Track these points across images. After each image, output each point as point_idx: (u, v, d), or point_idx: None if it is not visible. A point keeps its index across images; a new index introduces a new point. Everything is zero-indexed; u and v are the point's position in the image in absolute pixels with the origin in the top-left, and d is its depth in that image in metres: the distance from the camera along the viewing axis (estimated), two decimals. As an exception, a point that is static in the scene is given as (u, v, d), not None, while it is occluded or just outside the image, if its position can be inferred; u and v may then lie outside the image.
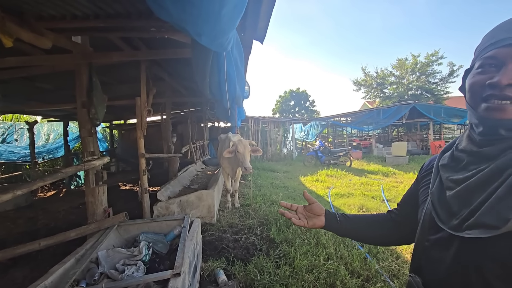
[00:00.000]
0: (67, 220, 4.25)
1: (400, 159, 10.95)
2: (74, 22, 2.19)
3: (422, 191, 0.79)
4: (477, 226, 0.53)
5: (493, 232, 0.50)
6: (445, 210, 0.62)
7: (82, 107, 2.65)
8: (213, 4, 0.96)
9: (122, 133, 11.72)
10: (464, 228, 0.55)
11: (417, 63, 22.70)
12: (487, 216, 0.52)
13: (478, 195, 0.56)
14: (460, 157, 0.65)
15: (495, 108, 0.56)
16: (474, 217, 0.54)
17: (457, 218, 0.58)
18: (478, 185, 0.56)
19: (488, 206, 0.53)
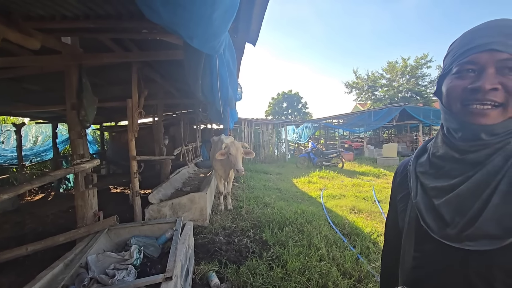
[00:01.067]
0: (55, 224, 4.15)
1: (391, 161, 11.12)
2: (63, 23, 2.15)
3: (400, 197, 0.76)
4: (479, 236, 0.52)
5: (498, 244, 0.50)
6: (435, 219, 0.60)
7: (71, 109, 2.60)
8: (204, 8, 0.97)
9: (113, 135, 11.55)
10: (463, 238, 0.54)
11: (407, 66, 23.21)
12: (488, 225, 0.51)
13: (471, 202, 0.54)
14: (439, 164, 0.64)
15: (478, 113, 0.56)
16: (473, 226, 0.53)
17: (452, 228, 0.56)
18: (469, 192, 0.55)
19: (487, 214, 0.52)
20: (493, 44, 0.55)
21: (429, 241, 0.61)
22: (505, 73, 0.54)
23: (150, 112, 5.90)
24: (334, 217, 4.21)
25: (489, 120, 0.55)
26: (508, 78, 0.54)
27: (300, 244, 3.11)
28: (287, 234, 3.35)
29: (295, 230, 3.52)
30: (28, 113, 6.92)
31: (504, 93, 0.54)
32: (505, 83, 0.54)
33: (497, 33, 0.56)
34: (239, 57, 2.88)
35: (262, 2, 1.80)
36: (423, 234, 0.62)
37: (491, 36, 0.56)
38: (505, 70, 0.54)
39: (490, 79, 0.55)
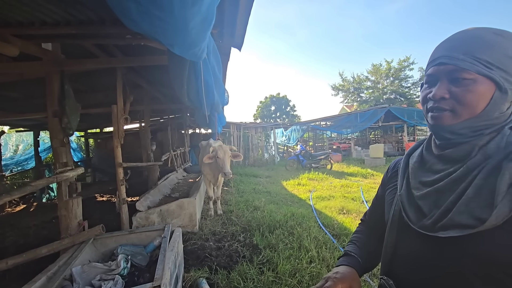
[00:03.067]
0: (38, 236, 4.00)
1: (378, 161, 11.36)
2: (43, 29, 2.10)
3: (388, 192, 0.81)
4: (452, 226, 0.56)
5: (468, 231, 0.53)
6: (415, 211, 0.65)
7: (53, 116, 2.53)
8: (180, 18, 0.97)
9: (98, 142, 11.28)
10: (437, 229, 0.58)
11: (391, 69, 23.87)
12: (460, 216, 0.55)
13: (447, 196, 0.59)
14: (427, 159, 0.70)
15: (435, 117, 0.63)
16: (447, 217, 0.57)
17: (428, 219, 0.60)
18: (447, 186, 0.60)
19: (460, 206, 0.56)
20: (441, 58, 0.62)
21: (409, 232, 0.65)
22: (456, 83, 0.60)
23: (137, 118, 5.81)
24: (324, 219, 4.25)
25: (443, 120, 0.62)
26: (457, 87, 0.60)
27: (290, 246, 3.12)
28: (277, 237, 3.36)
29: (285, 232, 3.53)
30: (8, 121, 6.66)
31: (453, 101, 0.60)
32: (455, 92, 0.60)
33: (446, 47, 0.63)
34: (225, 61, 2.89)
35: (246, 8, 1.83)
36: (404, 226, 0.67)
37: (442, 50, 0.63)
38: (454, 80, 0.61)
39: (440, 89, 0.62)
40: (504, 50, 0.58)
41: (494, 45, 0.58)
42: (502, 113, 0.60)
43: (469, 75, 0.58)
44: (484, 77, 0.58)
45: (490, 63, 0.58)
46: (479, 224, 0.52)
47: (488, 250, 0.53)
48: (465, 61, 0.58)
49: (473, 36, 0.60)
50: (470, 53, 0.58)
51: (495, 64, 0.58)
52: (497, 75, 0.57)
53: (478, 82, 0.58)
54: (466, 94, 0.59)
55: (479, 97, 0.58)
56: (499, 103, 0.59)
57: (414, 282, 0.63)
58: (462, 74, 0.59)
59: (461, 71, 0.59)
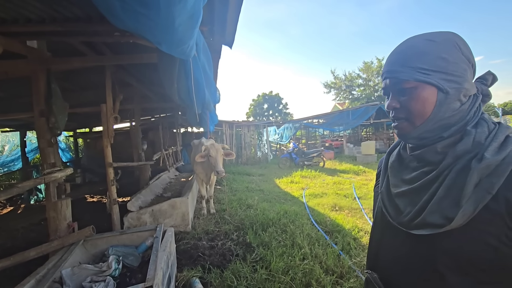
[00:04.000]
0: (26, 238, 3.91)
1: (370, 158, 11.50)
2: (27, 26, 2.04)
3: (375, 189, 0.84)
4: (424, 225, 0.59)
5: (437, 230, 0.56)
6: (394, 207, 0.68)
7: (40, 116, 2.47)
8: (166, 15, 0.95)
9: (87, 142, 11.07)
10: (412, 226, 0.61)
11: (382, 66, 24.10)
12: (432, 216, 0.58)
13: (422, 194, 0.62)
14: (404, 156, 0.73)
15: (396, 126, 0.68)
16: (420, 216, 0.60)
17: (404, 216, 0.64)
18: (422, 186, 0.63)
19: (432, 206, 0.59)
20: (385, 74, 0.68)
21: (390, 227, 0.68)
22: (400, 94, 0.65)
23: (127, 117, 5.72)
24: (316, 216, 4.28)
25: (404, 130, 0.66)
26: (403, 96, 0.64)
27: (283, 244, 3.13)
28: (270, 235, 3.37)
29: (278, 230, 3.55)
30: (-7, 121, 6.48)
31: (404, 109, 0.65)
32: (402, 101, 0.65)
33: (388, 63, 0.68)
34: (216, 59, 2.87)
35: (236, 5, 1.81)
36: (387, 222, 0.70)
37: (385, 66, 0.69)
38: (399, 91, 0.65)
39: (391, 101, 0.67)
40: (437, 53, 0.61)
41: (427, 51, 0.61)
42: (455, 111, 0.62)
43: (409, 84, 0.62)
44: (423, 83, 0.61)
45: (425, 69, 0.61)
46: (447, 223, 0.55)
47: (457, 246, 0.56)
48: (403, 72, 0.63)
49: (408, 46, 0.64)
50: (406, 64, 0.63)
51: (431, 69, 0.61)
52: (435, 78, 0.60)
53: (419, 89, 0.62)
54: (411, 101, 0.63)
55: (423, 102, 0.62)
56: (444, 103, 0.61)
57: (396, 275, 0.66)
58: (403, 84, 0.63)
59: (402, 82, 0.63)
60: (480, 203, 0.53)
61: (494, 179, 0.53)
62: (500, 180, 0.53)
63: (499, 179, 0.53)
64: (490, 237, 0.53)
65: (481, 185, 0.54)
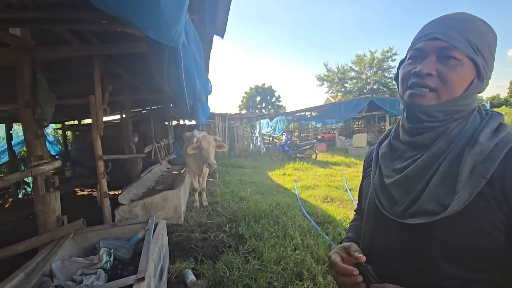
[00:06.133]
0: (15, 232, 3.84)
1: (361, 150, 11.65)
2: (9, 12, 1.95)
3: (365, 182, 0.83)
4: (420, 213, 0.58)
5: (433, 218, 0.55)
6: (387, 198, 0.67)
7: (25, 107, 2.39)
8: None
9: (76, 134, 10.84)
10: (407, 216, 0.60)
11: (374, 59, 24.23)
12: (427, 203, 0.57)
13: (416, 183, 0.61)
14: (396, 146, 0.71)
15: (417, 95, 0.62)
16: (416, 204, 0.59)
17: (399, 206, 0.62)
18: (415, 174, 0.61)
19: (427, 193, 0.58)
20: (436, 34, 0.61)
21: (383, 219, 0.67)
22: (443, 61, 0.60)
23: (117, 109, 5.61)
24: (308, 207, 4.33)
25: (424, 101, 0.61)
26: (444, 65, 0.60)
27: (275, 235, 3.16)
28: (262, 227, 3.39)
29: (270, 222, 3.57)
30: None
31: (437, 79, 0.60)
32: (441, 70, 0.60)
33: (442, 24, 0.62)
34: (207, 50, 2.82)
35: (227, -7, 1.77)
36: (379, 213, 0.68)
37: (437, 27, 0.62)
38: (444, 58, 0.60)
39: (428, 65, 0.60)
40: (488, 38, 0.60)
41: (483, 31, 0.60)
42: (473, 101, 0.62)
43: (460, 55, 0.58)
44: (470, 61, 0.59)
45: (478, 48, 0.59)
46: (443, 210, 0.54)
47: (452, 234, 0.55)
48: (459, 40, 0.58)
49: (467, 19, 0.61)
50: (463, 34, 0.59)
51: (481, 51, 0.59)
52: (480, 61, 0.59)
53: (464, 65, 0.59)
54: (452, 74, 0.59)
55: (462, 80, 0.59)
56: (474, 90, 0.60)
57: (390, 267, 0.65)
58: (453, 53, 0.59)
59: (453, 50, 0.59)
60: (475, 189, 0.53)
61: (488, 164, 0.54)
62: (494, 165, 0.53)
63: (493, 164, 0.53)
64: (485, 224, 0.53)
65: (475, 170, 0.54)
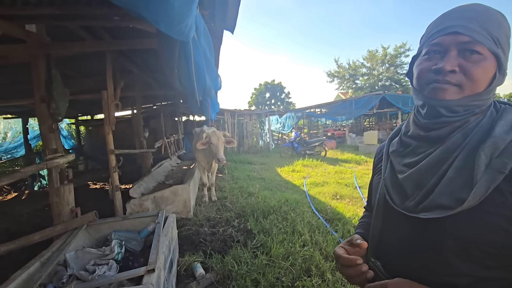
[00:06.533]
0: (31, 223, 3.98)
1: (372, 148, 11.47)
2: (25, 9, 2.00)
3: (375, 178, 0.82)
4: (433, 207, 0.56)
5: (448, 212, 0.53)
6: (398, 193, 0.65)
7: (41, 101, 2.46)
8: None
9: (89, 129, 11.09)
10: (419, 210, 0.58)
11: (387, 55, 23.71)
12: (441, 197, 0.55)
13: (429, 177, 0.59)
14: (408, 142, 0.69)
15: (439, 88, 0.59)
16: (428, 198, 0.57)
17: (411, 200, 0.61)
18: (428, 168, 0.60)
19: (441, 187, 0.56)
20: (456, 27, 0.58)
21: (394, 214, 0.65)
22: (466, 56, 0.57)
23: (128, 105, 5.70)
24: (317, 204, 4.31)
25: (447, 95, 0.59)
26: (467, 60, 0.57)
27: (284, 231, 3.17)
28: (271, 222, 3.40)
29: (279, 218, 3.58)
30: (-6, 107, 6.49)
31: (461, 74, 0.57)
32: (464, 65, 0.57)
33: (461, 16, 0.59)
34: (218, 45, 2.82)
35: (237, -13, 1.76)
36: (389, 209, 0.67)
37: (456, 19, 0.59)
38: (466, 53, 0.57)
39: (450, 61, 0.58)
40: (505, 30, 0.58)
41: (501, 23, 0.58)
42: (493, 95, 0.60)
43: (482, 49, 0.56)
44: (492, 54, 0.57)
45: (499, 41, 0.57)
46: (458, 205, 0.53)
47: (467, 230, 0.54)
48: (481, 34, 0.56)
49: (485, 10, 0.58)
50: (485, 27, 0.57)
51: (501, 44, 0.57)
52: (501, 54, 0.57)
53: (487, 59, 0.57)
54: (476, 69, 0.57)
55: (486, 75, 0.57)
56: (496, 84, 0.59)
57: (400, 262, 0.63)
58: (476, 47, 0.56)
59: (476, 44, 0.56)
60: (492, 184, 0.51)
61: (506, 158, 0.52)
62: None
63: (511, 158, 0.52)
64: (501, 220, 0.51)
65: (492, 165, 0.52)
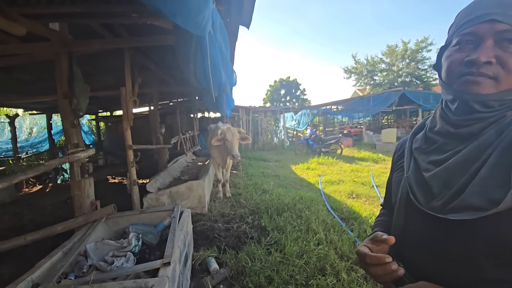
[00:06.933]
0: (54, 215, 4.17)
1: (390, 146, 11.13)
2: (49, 8, 2.08)
3: (395, 175, 0.77)
4: (463, 208, 0.52)
5: (481, 214, 0.49)
6: (423, 192, 0.61)
7: (63, 97, 2.55)
8: None
9: (109, 125, 11.45)
10: (447, 210, 0.54)
11: (407, 50, 22.77)
12: (473, 197, 0.51)
13: (459, 175, 0.55)
14: (434, 139, 0.65)
15: (472, 82, 0.55)
16: (459, 198, 0.53)
17: (438, 200, 0.57)
18: (458, 166, 0.56)
19: (473, 186, 0.52)
20: (493, 15, 0.53)
21: (417, 213, 0.62)
22: (503, 46, 0.53)
23: (146, 101, 5.83)
24: (333, 202, 4.24)
25: (481, 89, 0.54)
26: (504, 51, 0.53)
27: (298, 229, 3.14)
28: (285, 220, 3.38)
29: (293, 215, 3.55)
30: (21, 104, 6.83)
31: (497, 66, 0.53)
32: (501, 56, 0.53)
33: (495, 4, 0.54)
34: (233, 41, 2.81)
35: (254, -19, 1.73)
36: (412, 208, 0.63)
37: (492, 7, 0.54)
38: (504, 42, 0.53)
39: (486, 51, 0.53)
40: None
41: None
42: None
43: None
44: None
45: None
46: (492, 206, 0.48)
47: (500, 232, 0.49)
48: None
49: None
50: None
51: None
52: None
53: None
54: None
55: None
56: None
57: (423, 264, 0.60)
58: None
59: None
60: None
61: None
62: None
63: None
64: None
65: None
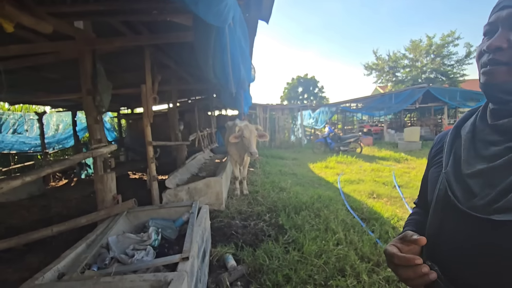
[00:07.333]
0: (78, 208, 4.34)
1: (413, 145, 10.70)
2: (74, 6, 2.14)
3: (432, 170, 0.72)
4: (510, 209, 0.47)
5: None
6: (463, 190, 0.56)
7: (87, 94, 2.63)
8: None
9: (130, 122, 11.80)
10: (492, 211, 0.49)
11: (432, 45, 21.65)
12: None
13: (505, 174, 0.50)
14: (480, 128, 0.60)
15: (486, 73, 0.54)
16: (505, 198, 0.48)
17: (480, 199, 0.52)
18: (505, 164, 0.51)
19: None
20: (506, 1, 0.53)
21: (456, 213, 0.57)
22: None
23: (165, 99, 5.94)
24: (352, 202, 4.12)
25: (494, 78, 0.52)
26: None
27: (316, 228, 3.07)
28: (303, 218, 3.31)
29: (311, 214, 3.48)
30: (48, 101, 7.18)
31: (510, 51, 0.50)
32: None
33: None
34: (252, 36, 2.78)
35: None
36: (450, 206, 0.58)
37: None
38: None
39: (498, 38, 0.52)
40: None
41: None
42: None
43: None
44: None
45: None
46: None
47: None
48: None
49: None
50: None
51: None
52: None
53: None
54: None
55: None
56: None
57: (461, 266, 0.55)
58: None
59: None
60: None
61: None
62: None
63: None
64: None
65: None
